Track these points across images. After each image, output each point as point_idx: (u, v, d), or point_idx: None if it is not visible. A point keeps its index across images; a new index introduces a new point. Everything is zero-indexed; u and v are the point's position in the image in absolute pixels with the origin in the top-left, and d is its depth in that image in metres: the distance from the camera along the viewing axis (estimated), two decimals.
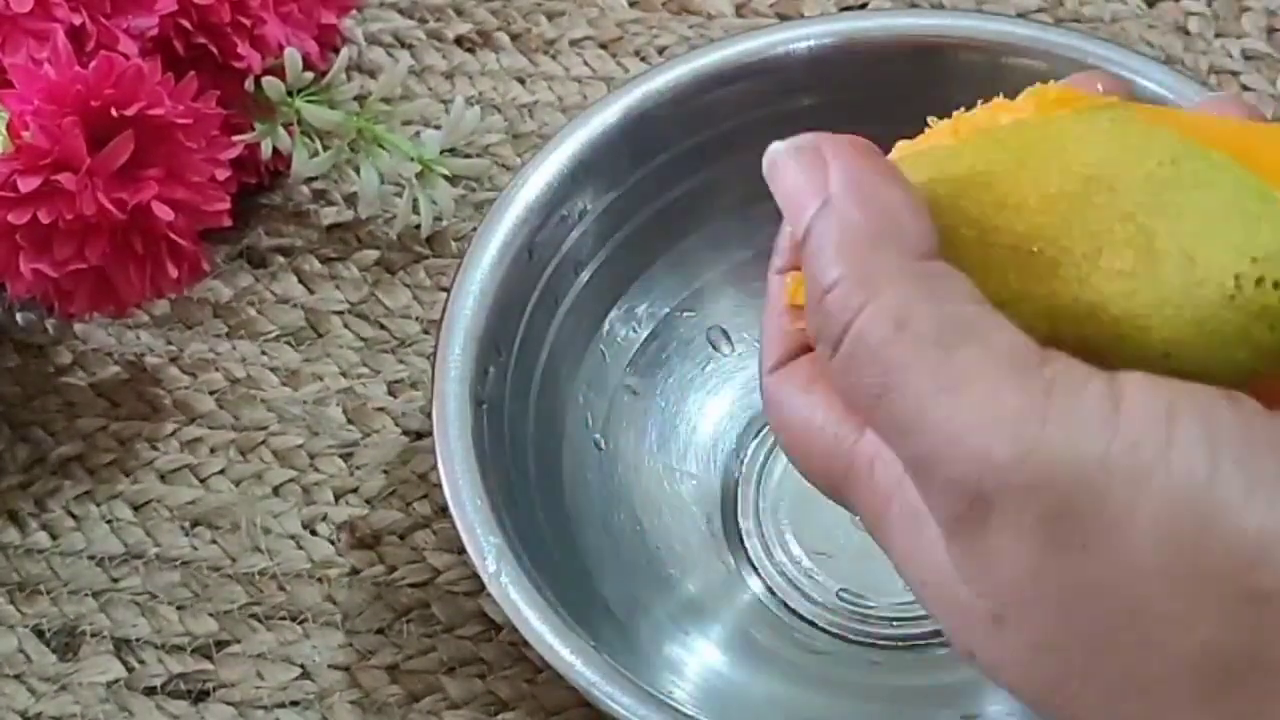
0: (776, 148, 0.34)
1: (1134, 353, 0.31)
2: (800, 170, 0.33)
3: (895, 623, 0.55)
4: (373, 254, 0.64)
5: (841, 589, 0.56)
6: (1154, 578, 0.29)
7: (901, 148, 0.37)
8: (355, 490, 0.59)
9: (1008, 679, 0.31)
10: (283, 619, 0.57)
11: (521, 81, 0.68)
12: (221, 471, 0.60)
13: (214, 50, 0.60)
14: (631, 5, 0.70)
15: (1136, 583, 0.29)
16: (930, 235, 0.32)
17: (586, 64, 0.68)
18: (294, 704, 0.55)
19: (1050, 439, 0.29)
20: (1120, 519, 0.29)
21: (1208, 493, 0.28)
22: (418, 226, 0.63)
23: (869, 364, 0.31)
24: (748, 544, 0.58)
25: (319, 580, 0.57)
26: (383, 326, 0.62)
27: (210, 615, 0.57)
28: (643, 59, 0.68)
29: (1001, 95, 0.37)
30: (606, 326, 0.59)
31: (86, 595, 0.57)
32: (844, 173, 0.33)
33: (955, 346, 0.30)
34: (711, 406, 0.60)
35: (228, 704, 0.55)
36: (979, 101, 0.37)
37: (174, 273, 0.56)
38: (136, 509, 0.59)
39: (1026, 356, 0.30)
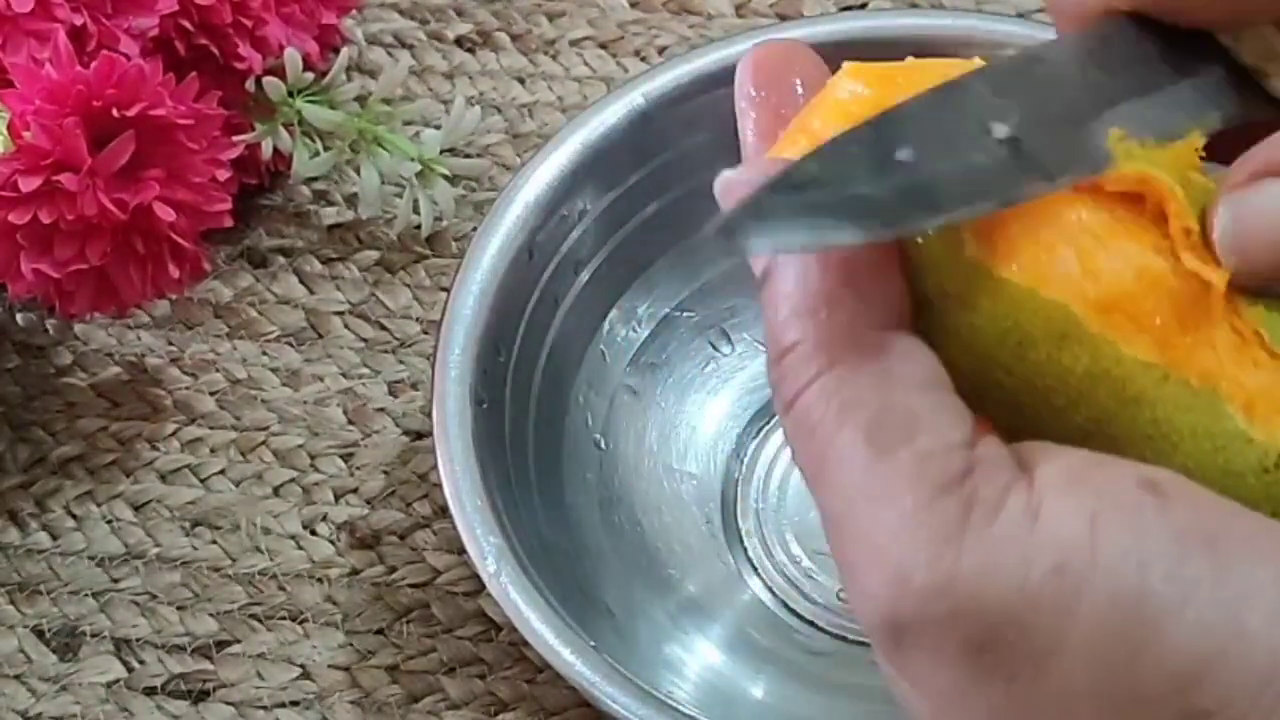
0: (729, 176, 0.32)
1: (1150, 454, 0.30)
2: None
3: None
4: (373, 254, 0.64)
5: (841, 589, 0.56)
6: (1087, 704, 0.28)
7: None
8: (355, 490, 0.59)
9: None
10: (283, 619, 0.57)
11: (521, 81, 0.68)
12: (222, 472, 0.60)
13: (215, 51, 0.60)
14: (631, 5, 0.70)
15: (1069, 710, 0.28)
16: (897, 298, 0.30)
17: (586, 64, 0.68)
18: (294, 704, 0.55)
19: (967, 568, 0.28)
20: (1048, 649, 0.28)
21: (1138, 613, 0.27)
22: (418, 226, 0.63)
23: (810, 443, 0.30)
24: (748, 544, 0.58)
25: (319, 580, 0.57)
26: (383, 327, 0.62)
27: (210, 615, 0.57)
28: (643, 59, 0.68)
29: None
30: (606, 326, 0.59)
31: (87, 595, 0.58)
32: None
33: (888, 449, 0.29)
34: (711, 406, 0.60)
35: (228, 704, 0.55)
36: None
37: (175, 273, 0.56)
38: (137, 509, 0.59)
39: (952, 466, 0.29)
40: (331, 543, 0.58)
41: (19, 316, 0.60)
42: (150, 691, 0.56)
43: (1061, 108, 0.31)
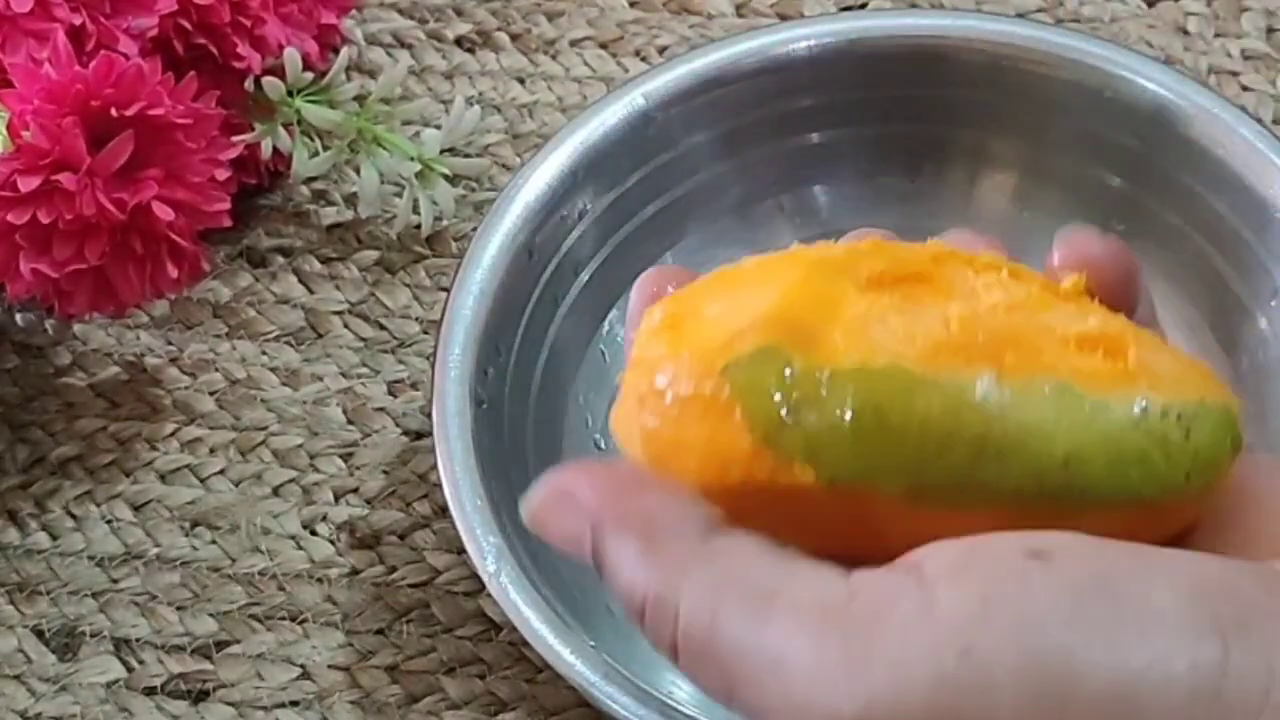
0: (527, 509, 0.34)
1: (1031, 460, 0.32)
2: (558, 515, 0.34)
3: None
4: (373, 254, 0.64)
5: None
6: None
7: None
8: (355, 490, 0.59)
9: None
10: (282, 619, 0.57)
11: (521, 81, 0.68)
12: (221, 472, 0.60)
13: (214, 50, 0.60)
14: (631, 5, 0.70)
15: None
16: (698, 511, 0.32)
17: (586, 64, 0.68)
18: (294, 704, 0.55)
19: (883, 679, 0.29)
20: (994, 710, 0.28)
21: (1051, 668, 0.28)
22: (418, 226, 0.63)
23: (705, 664, 0.31)
24: None
25: (319, 580, 0.57)
26: (383, 326, 0.62)
27: (210, 615, 0.57)
28: (643, 59, 0.68)
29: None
30: (606, 326, 0.59)
31: (86, 595, 0.57)
32: (594, 499, 0.33)
33: (768, 618, 0.30)
34: None
35: (227, 704, 0.55)
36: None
37: (174, 273, 0.56)
38: (136, 509, 0.59)
39: (832, 597, 0.30)
40: (331, 543, 0.58)
41: (18, 317, 0.60)
42: (150, 691, 0.56)
43: None
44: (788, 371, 0.32)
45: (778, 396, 0.32)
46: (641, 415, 0.34)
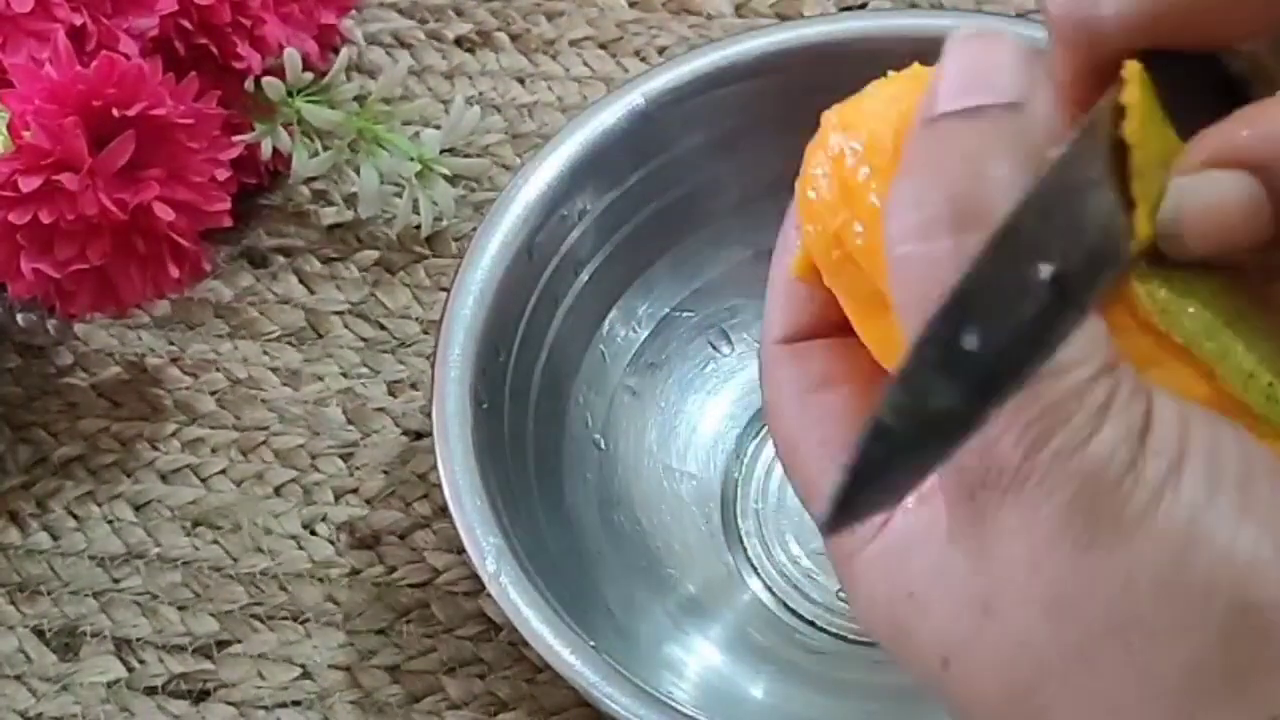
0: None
1: None
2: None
3: None
4: (373, 254, 0.64)
5: (841, 589, 0.56)
6: (1146, 591, 0.29)
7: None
8: (355, 490, 0.59)
9: (983, 683, 0.31)
10: (283, 619, 0.57)
11: (521, 81, 0.68)
12: (222, 472, 0.60)
13: (214, 50, 0.60)
14: (631, 5, 0.70)
15: (1129, 594, 0.29)
16: None
17: (586, 64, 0.68)
18: (294, 704, 0.55)
19: (1103, 438, 0.29)
20: (1130, 529, 0.29)
21: (1206, 514, 0.29)
22: (418, 226, 0.63)
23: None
24: (748, 544, 0.58)
25: (319, 580, 0.57)
26: (383, 326, 0.62)
27: (211, 615, 0.57)
28: (643, 59, 0.68)
29: None
30: (606, 326, 0.59)
31: (87, 595, 0.58)
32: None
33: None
34: (711, 406, 0.60)
35: (228, 704, 0.55)
36: None
37: (175, 273, 0.56)
38: (138, 509, 0.59)
39: (1110, 350, 0.30)
40: (331, 543, 0.58)
41: (19, 317, 0.60)
42: (151, 691, 0.56)
43: (1088, 223, 0.31)
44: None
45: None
46: None
